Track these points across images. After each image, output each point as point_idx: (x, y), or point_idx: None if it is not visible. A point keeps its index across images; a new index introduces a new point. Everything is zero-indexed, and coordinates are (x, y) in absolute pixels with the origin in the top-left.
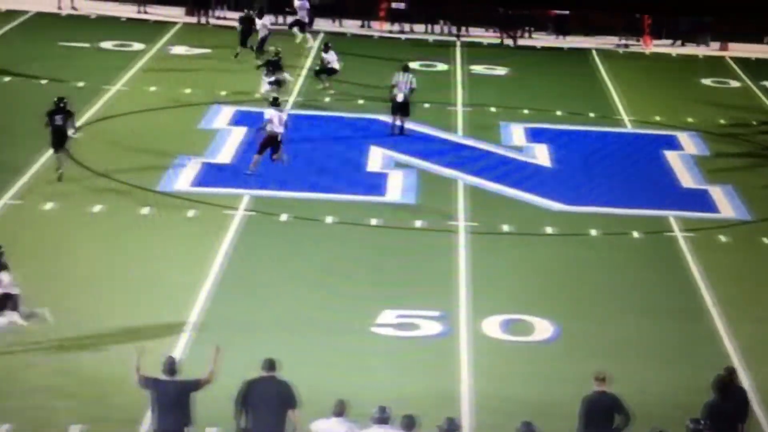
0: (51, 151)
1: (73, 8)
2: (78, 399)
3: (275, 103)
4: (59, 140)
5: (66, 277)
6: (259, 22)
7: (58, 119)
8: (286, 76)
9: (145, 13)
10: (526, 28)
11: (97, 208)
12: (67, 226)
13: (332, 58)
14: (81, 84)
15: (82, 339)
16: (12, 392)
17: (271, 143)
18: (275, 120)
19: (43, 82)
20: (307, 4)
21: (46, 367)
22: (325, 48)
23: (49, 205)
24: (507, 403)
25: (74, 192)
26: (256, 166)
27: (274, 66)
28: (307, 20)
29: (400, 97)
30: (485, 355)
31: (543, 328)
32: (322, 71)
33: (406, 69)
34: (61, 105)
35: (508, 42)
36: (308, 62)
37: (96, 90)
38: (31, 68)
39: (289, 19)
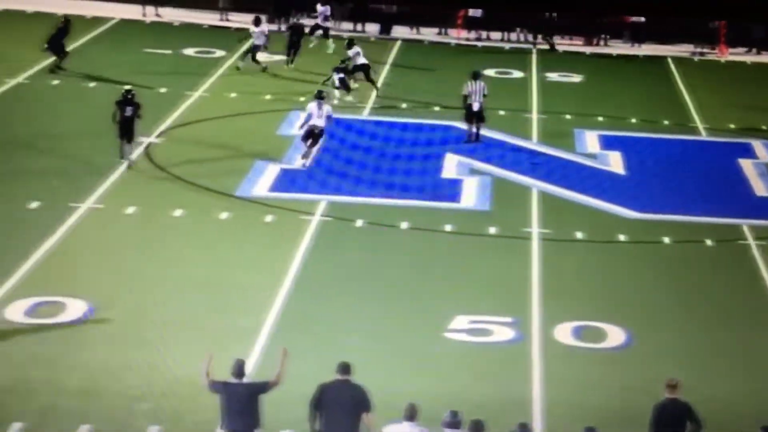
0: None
1: (157, 15)
2: (154, 401)
3: (319, 96)
4: (127, 130)
5: (144, 279)
6: (256, 30)
7: (128, 110)
8: (352, 82)
9: (227, 20)
10: (602, 36)
11: (177, 212)
12: (146, 230)
13: (353, 52)
14: (163, 90)
15: (158, 341)
16: (92, 394)
17: (311, 135)
18: (315, 113)
19: (127, 88)
20: (329, 10)
21: (125, 369)
22: (349, 44)
23: (130, 210)
24: (578, 410)
25: (155, 197)
26: (308, 159)
27: (342, 72)
28: (329, 25)
29: (476, 106)
30: (557, 361)
31: (615, 335)
32: (353, 71)
33: (476, 76)
34: (129, 96)
35: (543, 46)
36: (382, 70)
37: (178, 96)
38: (115, 74)
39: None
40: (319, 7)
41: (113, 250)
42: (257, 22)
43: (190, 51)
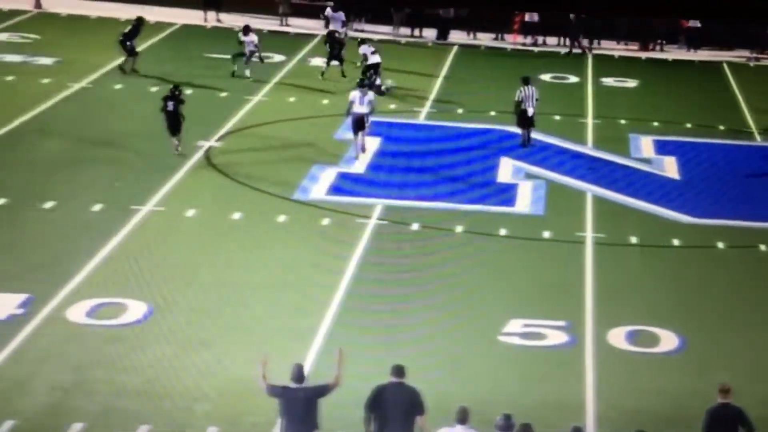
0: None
1: (218, 20)
2: (213, 401)
3: (361, 84)
4: (172, 124)
5: (203, 281)
6: (245, 39)
7: (170, 105)
8: (388, 83)
9: (287, 25)
10: (658, 41)
11: (236, 215)
12: (206, 233)
13: (367, 51)
14: (224, 94)
15: (216, 342)
16: (151, 394)
17: (357, 124)
18: (357, 100)
19: (189, 91)
20: (343, 16)
21: (184, 370)
22: (360, 42)
23: (190, 212)
24: (631, 415)
25: (214, 199)
26: (357, 149)
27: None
28: (342, 31)
29: (530, 111)
30: (610, 365)
31: (668, 340)
32: (366, 69)
33: (527, 81)
34: (176, 93)
35: (577, 51)
36: (438, 75)
37: (238, 100)
38: (177, 78)
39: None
40: (331, 13)
41: (173, 252)
42: (246, 31)
43: None
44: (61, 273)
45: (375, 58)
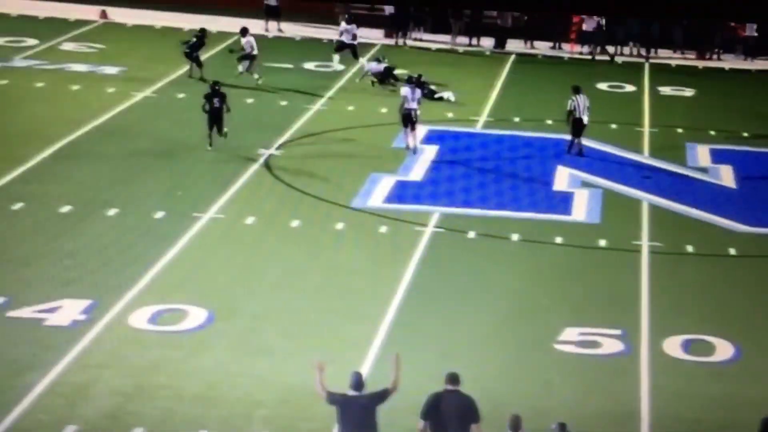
0: (210, 131)
1: (279, 30)
2: (272, 408)
3: (409, 81)
4: (216, 120)
5: (262, 288)
6: (243, 40)
7: (216, 101)
8: (447, 94)
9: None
10: (715, 50)
11: (294, 222)
12: (265, 240)
13: (377, 67)
14: (284, 103)
15: (275, 348)
16: (211, 400)
17: (407, 120)
18: (409, 97)
19: (250, 100)
20: (356, 28)
21: (243, 376)
22: (377, 60)
23: (249, 220)
24: (686, 424)
25: (273, 207)
26: (409, 140)
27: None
28: (356, 43)
29: (585, 119)
30: (666, 374)
31: (724, 349)
32: (385, 76)
33: (578, 90)
34: (217, 88)
35: (603, 58)
36: (496, 84)
37: (298, 109)
38: (239, 86)
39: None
40: (343, 24)
41: (233, 259)
42: (243, 33)
43: (310, 65)
44: (124, 279)
45: (380, 68)
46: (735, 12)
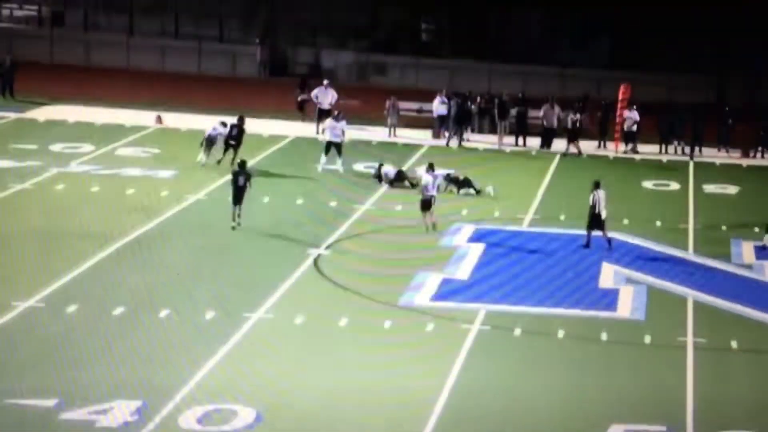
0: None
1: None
2: None
3: (430, 168)
4: (239, 196)
5: (311, 386)
6: (220, 129)
7: (241, 180)
8: (489, 188)
9: (395, 136)
10: (758, 148)
11: (343, 321)
12: (314, 339)
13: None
14: (333, 203)
15: None
16: None
17: (426, 206)
18: (429, 185)
19: (299, 201)
20: (345, 125)
21: None
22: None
23: (298, 319)
24: None
25: (322, 306)
26: (427, 222)
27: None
28: (341, 141)
29: (604, 214)
30: None
31: None
32: (399, 179)
33: (598, 186)
34: (243, 167)
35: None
36: (542, 183)
37: (347, 209)
38: (288, 189)
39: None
40: (330, 122)
41: (282, 359)
42: (223, 124)
43: (359, 166)
44: (174, 379)
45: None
46: None
